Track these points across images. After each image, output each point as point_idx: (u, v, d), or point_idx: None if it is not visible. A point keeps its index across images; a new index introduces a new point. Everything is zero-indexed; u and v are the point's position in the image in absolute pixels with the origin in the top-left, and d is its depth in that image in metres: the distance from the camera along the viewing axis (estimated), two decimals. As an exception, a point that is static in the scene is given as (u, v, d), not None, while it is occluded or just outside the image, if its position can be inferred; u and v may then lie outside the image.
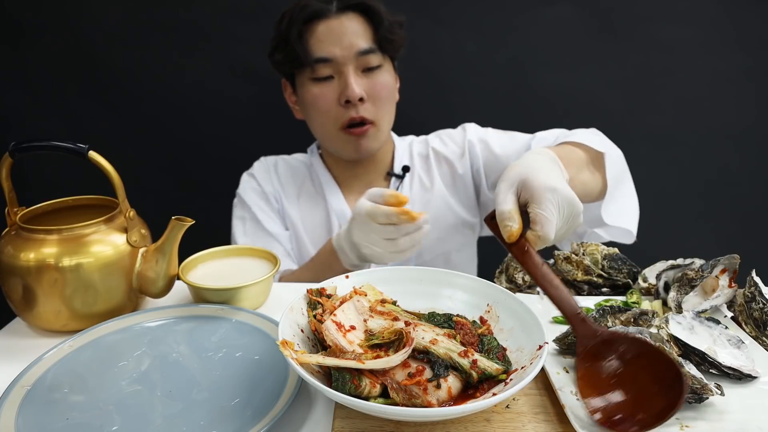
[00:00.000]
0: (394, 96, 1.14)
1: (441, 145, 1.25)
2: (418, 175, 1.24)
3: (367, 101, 1.07)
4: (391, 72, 1.14)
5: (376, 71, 1.08)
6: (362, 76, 1.07)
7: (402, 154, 1.25)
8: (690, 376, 0.51)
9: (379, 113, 1.10)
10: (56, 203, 0.79)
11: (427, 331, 0.55)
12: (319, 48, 1.05)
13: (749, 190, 1.60)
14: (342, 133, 1.10)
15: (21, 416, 0.54)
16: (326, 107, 1.08)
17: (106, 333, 0.69)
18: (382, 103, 1.10)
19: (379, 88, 1.08)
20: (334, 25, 1.05)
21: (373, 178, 1.22)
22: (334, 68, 1.06)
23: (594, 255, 0.78)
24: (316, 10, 1.05)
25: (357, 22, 1.06)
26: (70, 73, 1.52)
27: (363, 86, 1.06)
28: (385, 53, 1.09)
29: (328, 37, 1.05)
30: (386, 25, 1.07)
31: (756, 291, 0.66)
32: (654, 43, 1.47)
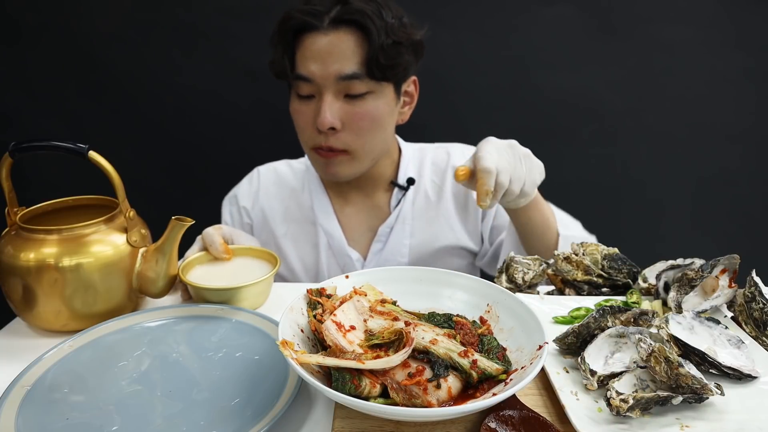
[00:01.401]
0: (381, 126, 1.01)
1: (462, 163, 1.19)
2: (424, 188, 1.16)
3: (342, 130, 0.98)
4: (387, 99, 1.00)
5: (360, 99, 0.97)
6: (344, 100, 0.97)
7: (408, 164, 1.16)
8: (690, 376, 0.51)
9: (357, 143, 1.00)
10: (56, 203, 0.79)
11: (427, 331, 0.55)
12: (302, 64, 0.96)
13: (749, 190, 1.60)
14: (313, 152, 1.04)
15: (21, 416, 0.54)
16: (303, 125, 1.02)
17: (106, 333, 0.69)
18: (361, 133, 0.99)
19: (358, 118, 0.97)
20: (321, 42, 0.94)
21: (371, 189, 1.15)
22: (314, 88, 0.97)
23: (594, 255, 0.78)
24: (303, 22, 0.94)
25: (349, 41, 0.93)
26: (70, 73, 1.52)
27: (341, 113, 0.96)
28: (376, 79, 0.96)
29: (313, 54, 0.94)
30: (383, 48, 0.93)
31: (756, 291, 0.66)
32: (654, 43, 1.47)
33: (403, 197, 1.14)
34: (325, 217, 1.14)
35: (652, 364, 0.53)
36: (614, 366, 0.57)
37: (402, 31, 0.96)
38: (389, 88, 1.00)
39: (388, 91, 1.00)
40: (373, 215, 1.16)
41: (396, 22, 0.96)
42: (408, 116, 1.10)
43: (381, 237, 1.14)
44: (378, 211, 1.16)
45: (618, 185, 1.61)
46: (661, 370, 0.52)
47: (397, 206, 1.14)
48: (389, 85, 0.99)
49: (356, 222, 1.16)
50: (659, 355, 0.52)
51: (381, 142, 1.04)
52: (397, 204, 1.14)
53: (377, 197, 1.16)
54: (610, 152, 1.58)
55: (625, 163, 1.60)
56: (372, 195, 1.16)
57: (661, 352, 0.52)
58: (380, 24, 0.93)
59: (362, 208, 1.16)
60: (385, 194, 1.16)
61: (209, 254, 0.86)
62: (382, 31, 0.93)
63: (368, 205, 1.16)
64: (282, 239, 1.17)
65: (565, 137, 1.57)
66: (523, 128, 1.58)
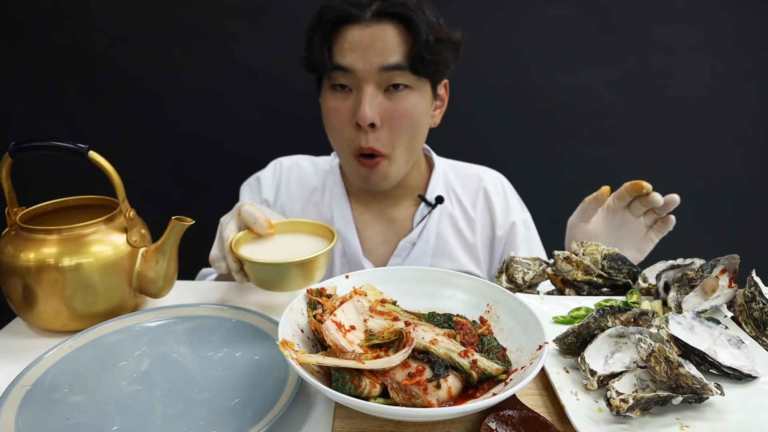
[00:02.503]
0: (418, 125, 0.98)
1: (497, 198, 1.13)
2: (451, 210, 1.12)
3: (381, 128, 0.94)
4: (425, 97, 0.98)
5: (401, 92, 0.94)
6: (384, 96, 0.94)
7: (439, 179, 1.12)
8: (690, 376, 0.51)
9: (394, 143, 0.97)
10: (56, 203, 0.79)
11: (427, 331, 0.55)
12: (341, 55, 0.93)
13: (749, 190, 1.60)
14: (353, 159, 0.99)
15: (21, 416, 0.54)
16: (339, 124, 0.97)
17: (106, 333, 0.69)
18: (399, 132, 0.96)
19: (398, 115, 0.94)
20: (363, 34, 0.91)
21: (393, 200, 1.10)
22: (353, 80, 0.93)
23: (594, 255, 0.78)
24: (345, 14, 0.92)
25: (392, 34, 0.92)
26: (70, 73, 1.53)
27: (380, 109, 0.93)
28: (418, 74, 0.94)
29: (353, 45, 0.92)
30: (427, 43, 0.92)
31: (756, 291, 0.66)
32: (654, 43, 1.47)
33: (429, 214, 1.10)
34: (343, 224, 1.10)
35: (652, 364, 0.53)
36: (614, 366, 0.57)
37: (442, 30, 0.95)
38: (427, 86, 0.98)
39: (426, 89, 0.98)
40: (391, 228, 1.12)
41: (436, 20, 0.95)
42: (439, 120, 1.08)
43: (401, 252, 1.10)
44: (397, 224, 1.12)
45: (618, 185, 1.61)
46: (661, 370, 0.52)
47: (421, 222, 1.10)
48: (427, 83, 0.98)
49: (373, 232, 1.12)
50: (659, 355, 0.52)
51: (417, 145, 1.02)
52: (422, 220, 1.10)
53: (400, 209, 1.12)
54: (610, 152, 1.58)
55: (625, 163, 1.60)
56: (394, 206, 1.12)
57: (661, 352, 0.52)
58: (424, 19, 0.92)
59: (381, 219, 1.12)
60: (408, 207, 1.12)
61: (250, 233, 0.78)
62: (425, 26, 0.92)
63: (388, 217, 1.12)
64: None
65: (566, 137, 1.57)
66: (524, 128, 1.58)
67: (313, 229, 0.81)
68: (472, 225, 1.12)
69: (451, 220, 1.12)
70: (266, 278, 0.73)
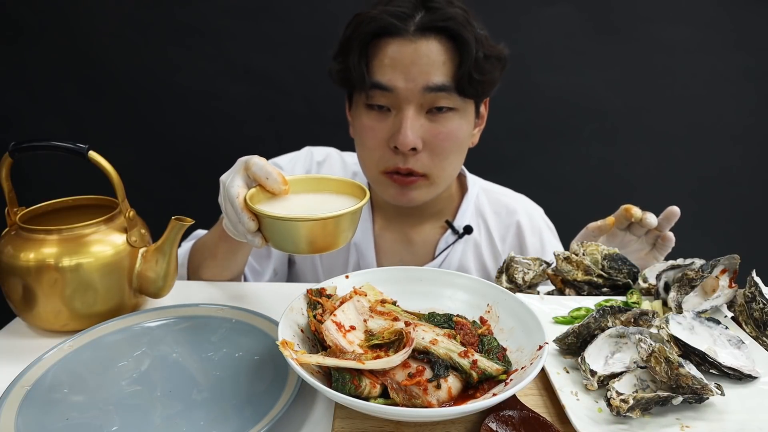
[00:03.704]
0: (461, 148, 0.91)
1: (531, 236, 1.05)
2: (477, 239, 1.05)
3: (422, 151, 0.87)
4: (469, 118, 0.90)
5: (444, 114, 0.86)
6: (426, 117, 0.86)
7: (470, 204, 1.05)
8: (690, 376, 0.51)
9: (436, 166, 0.89)
10: (56, 203, 0.79)
11: (427, 332, 0.55)
12: (380, 72, 0.84)
13: (749, 190, 1.60)
14: (383, 176, 0.91)
15: (21, 416, 0.54)
16: (373, 144, 0.89)
17: (106, 333, 0.69)
18: (443, 156, 0.88)
19: (441, 138, 0.86)
20: (407, 49, 0.83)
21: (417, 220, 1.03)
22: (393, 100, 0.85)
23: (594, 255, 0.78)
24: (387, 26, 0.83)
25: (438, 51, 0.83)
26: (70, 73, 1.53)
27: (422, 131, 0.86)
28: (465, 96, 0.86)
29: (395, 62, 0.83)
30: (476, 61, 0.83)
31: (756, 291, 0.66)
32: (654, 43, 1.47)
33: (454, 243, 1.03)
34: (362, 236, 1.03)
35: (653, 364, 0.53)
36: (614, 366, 0.57)
37: (489, 45, 0.87)
38: (471, 106, 0.90)
39: (470, 110, 0.90)
40: (410, 250, 1.05)
41: (482, 33, 0.86)
42: (477, 139, 1.00)
43: None
44: (417, 247, 1.05)
45: (618, 184, 1.62)
46: (661, 371, 0.52)
47: (445, 250, 1.03)
48: (471, 103, 0.90)
49: (391, 250, 1.05)
50: (659, 356, 0.52)
51: (458, 166, 0.95)
52: (446, 248, 1.03)
53: (422, 232, 1.04)
54: (611, 152, 1.59)
55: (626, 163, 1.60)
56: (416, 227, 1.04)
57: (662, 353, 0.52)
58: (473, 34, 0.83)
59: (402, 239, 1.05)
60: (432, 231, 1.04)
61: (262, 191, 0.66)
62: (474, 42, 0.83)
63: (410, 238, 1.05)
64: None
65: (566, 137, 1.57)
66: (524, 128, 1.58)
67: (336, 187, 0.69)
68: (497, 259, 1.05)
69: (476, 249, 1.05)
70: (291, 239, 0.61)
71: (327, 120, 0.94)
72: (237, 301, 0.81)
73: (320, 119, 1.08)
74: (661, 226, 0.82)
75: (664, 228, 0.83)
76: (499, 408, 0.52)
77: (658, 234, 0.84)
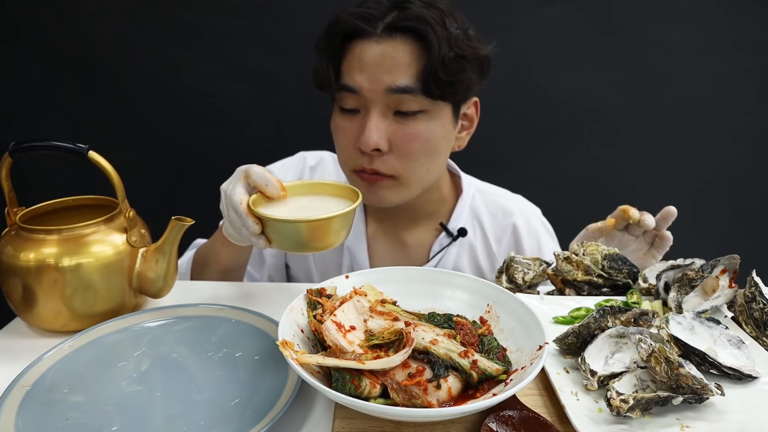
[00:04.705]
0: (434, 151, 0.88)
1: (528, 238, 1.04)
2: (472, 241, 1.03)
3: (389, 153, 0.86)
4: (443, 121, 0.87)
5: (413, 116, 0.84)
6: (393, 119, 0.85)
7: (465, 206, 1.04)
8: (690, 376, 0.51)
9: (404, 168, 0.87)
10: (56, 203, 0.79)
11: (427, 332, 0.55)
12: (348, 74, 0.84)
13: (749, 190, 1.60)
14: (354, 175, 0.91)
15: (21, 416, 0.54)
16: (344, 144, 0.89)
17: (106, 333, 0.69)
18: (411, 158, 0.86)
19: (408, 140, 0.85)
20: (373, 51, 0.82)
21: (408, 223, 1.02)
22: (360, 102, 0.85)
23: (594, 255, 0.78)
24: (353, 28, 0.83)
25: (404, 51, 0.81)
26: (70, 73, 1.53)
27: (389, 133, 0.84)
28: (432, 97, 0.83)
29: (361, 64, 0.83)
30: (443, 62, 0.80)
31: (756, 291, 0.66)
32: (654, 43, 1.47)
33: (448, 246, 1.02)
34: (354, 238, 1.03)
35: (653, 364, 0.53)
36: (614, 366, 0.57)
37: (467, 45, 0.84)
38: (446, 108, 0.87)
39: (445, 112, 0.87)
40: (403, 252, 1.04)
41: (461, 33, 0.84)
42: (465, 142, 0.97)
43: None
44: (410, 250, 1.04)
45: (618, 184, 1.62)
46: (661, 371, 0.52)
47: (439, 253, 1.02)
48: (447, 105, 0.87)
49: (384, 253, 1.05)
50: (659, 356, 0.52)
51: (434, 169, 0.92)
52: (440, 250, 1.02)
53: (415, 235, 1.04)
54: (611, 152, 1.59)
55: (625, 163, 1.60)
56: (408, 230, 1.03)
57: (662, 353, 0.52)
58: (442, 34, 0.81)
59: (394, 241, 1.05)
60: (425, 233, 1.04)
61: (262, 197, 0.72)
62: (444, 42, 0.81)
63: (401, 240, 1.04)
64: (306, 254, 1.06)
65: (566, 137, 1.57)
66: (524, 128, 1.58)
67: (330, 190, 0.76)
68: (493, 261, 1.05)
69: (470, 252, 1.04)
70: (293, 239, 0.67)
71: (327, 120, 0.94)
72: (237, 301, 0.81)
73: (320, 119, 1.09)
74: (658, 225, 0.83)
75: (662, 227, 0.83)
76: (499, 408, 0.52)
77: (656, 234, 0.84)
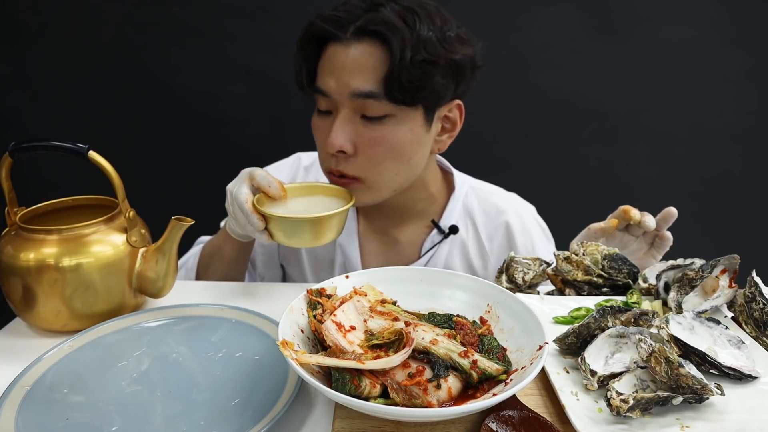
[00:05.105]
0: (402, 155, 0.87)
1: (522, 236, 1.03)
2: (464, 239, 1.03)
3: (356, 155, 0.86)
4: (412, 125, 0.86)
5: (378, 122, 0.84)
6: (359, 122, 0.85)
7: (458, 204, 1.04)
8: (690, 376, 0.51)
9: (370, 171, 0.87)
10: (56, 203, 0.79)
11: (427, 332, 0.55)
12: (321, 76, 0.86)
13: (749, 190, 1.60)
14: (328, 174, 0.92)
15: (21, 416, 0.54)
16: (319, 143, 0.91)
17: (106, 333, 0.69)
18: (376, 161, 0.86)
19: (372, 144, 0.84)
20: (341, 54, 0.83)
21: (397, 221, 1.03)
22: (331, 104, 0.86)
23: (594, 255, 0.78)
24: (320, 31, 0.84)
25: (369, 55, 0.81)
26: (70, 73, 1.53)
27: (355, 135, 0.85)
28: (396, 102, 0.82)
29: (331, 66, 0.84)
30: (406, 68, 0.79)
31: (756, 291, 0.66)
32: (654, 43, 1.47)
33: (439, 243, 1.02)
34: (346, 236, 1.03)
35: (653, 364, 0.53)
36: (614, 366, 0.57)
37: (442, 48, 0.81)
38: (416, 113, 0.86)
39: (415, 116, 0.86)
40: (394, 250, 1.05)
41: (435, 35, 0.81)
42: (447, 145, 0.96)
43: None
44: (402, 247, 1.05)
45: (618, 184, 1.62)
46: (661, 371, 0.52)
47: (430, 250, 1.02)
48: (416, 110, 0.85)
49: (375, 251, 1.06)
50: (659, 356, 0.52)
51: (404, 173, 0.91)
52: (432, 248, 1.02)
53: (405, 232, 1.04)
54: (611, 152, 1.59)
55: (625, 163, 1.60)
56: (398, 228, 1.04)
57: (662, 353, 0.52)
58: (409, 37, 0.79)
59: (384, 239, 1.05)
60: (416, 231, 1.04)
61: (264, 197, 0.82)
62: (408, 46, 0.79)
63: (395, 238, 1.05)
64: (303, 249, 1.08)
65: (565, 137, 1.57)
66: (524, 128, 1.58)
67: (326, 191, 0.87)
68: (485, 258, 1.04)
69: (462, 249, 1.04)
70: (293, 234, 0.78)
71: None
72: (237, 301, 0.81)
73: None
74: (658, 226, 0.83)
75: (662, 228, 0.83)
76: (499, 408, 0.52)
77: (656, 234, 0.85)
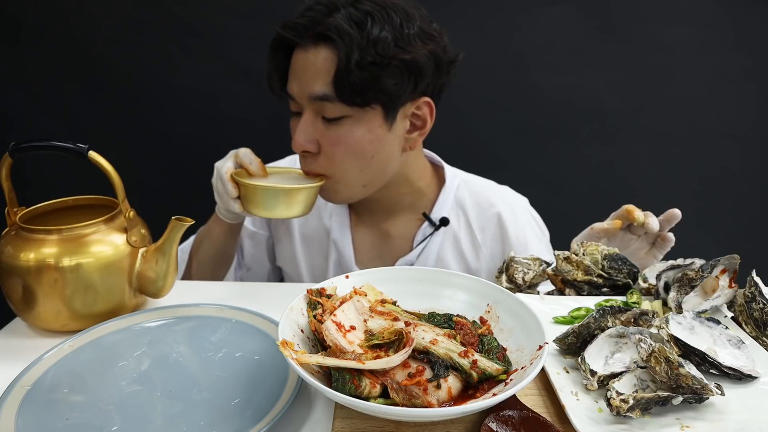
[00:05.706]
0: (362, 155, 0.90)
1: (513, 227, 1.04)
2: (456, 231, 1.05)
3: (320, 154, 0.90)
4: (370, 124, 0.88)
5: (335, 122, 0.87)
6: (320, 123, 0.88)
7: (448, 197, 1.05)
8: (690, 376, 0.51)
9: (334, 169, 0.91)
10: (56, 203, 0.79)
11: (427, 331, 0.55)
12: (289, 80, 0.90)
13: (749, 190, 1.60)
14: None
15: (21, 416, 0.54)
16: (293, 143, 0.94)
17: (106, 333, 0.69)
18: (337, 160, 0.89)
19: (331, 143, 0.88)
20: (300, 58, 0.86)
21: (386, 215, 1.05)
22: (299, 106, 0.90)
23: (594, 255, 0.78)
24: (283, 39, 0.87)
25: (324, 59, 0.83)
26: (70, 73, 1.53)
27: (317, 135, 0.88)
28: (348, 104, 0.84)
29: (294, 71, 0.88)
30: (352, 69, 0.81)
31: (756, 291, 0.66)
32: (654, 43, 1.47)
33: (431, 236, 1.04)
34: (340, 233, 1.07)
35: (653, 364, 0.53)
36: (614, 366, 0.57)
37: (396, 48, 0.82)
38: (375, 113, 0.87)
39: (373, 116, 0.87)
40: (386, 244, 1.07)
41: (390, 35, 0.82)
42: (418, 143, 0.97)
43: None
44: (393, 241, 1.07)
45: (618, 184, 1.62)
46: (661, 371, 0.52)
47: (422, 242, 1.04)
48: (374, 109, 0.87)
49: (368, 245, 1.08)
50: (659, 356, 0.52)
51: (368, 170, 0.92)
52: (423, 240, 1.04)
53: (397, 226, 1.06)
54: (610, 152, 1.58)
55: (625, 163, 1.60)
56: (389, 221, 1.06)
57: (662, 353, 0.52)
58: (359, 40, 0.81)
59: (376, 233, 1.07)
60: (408, 224, 1.06)
61: (245, 173, 0.91)
62: (356, 49, 0.80)
63: (383, 231, 1.07)
64: (297, 244, 1.11)
65: (566, 137, 1.57)
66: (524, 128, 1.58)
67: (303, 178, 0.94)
68: (477, 250, 1.06)
69: (454, 242, 1.05)
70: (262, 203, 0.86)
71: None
72: (237, 301, 0.81)
73: (320, 119, 1.11)
74: (661, 227, 0.82)
75: (664, 228, 0.83)
76: (499, 408, 0.52)
77: (658, 234, 0.84)
